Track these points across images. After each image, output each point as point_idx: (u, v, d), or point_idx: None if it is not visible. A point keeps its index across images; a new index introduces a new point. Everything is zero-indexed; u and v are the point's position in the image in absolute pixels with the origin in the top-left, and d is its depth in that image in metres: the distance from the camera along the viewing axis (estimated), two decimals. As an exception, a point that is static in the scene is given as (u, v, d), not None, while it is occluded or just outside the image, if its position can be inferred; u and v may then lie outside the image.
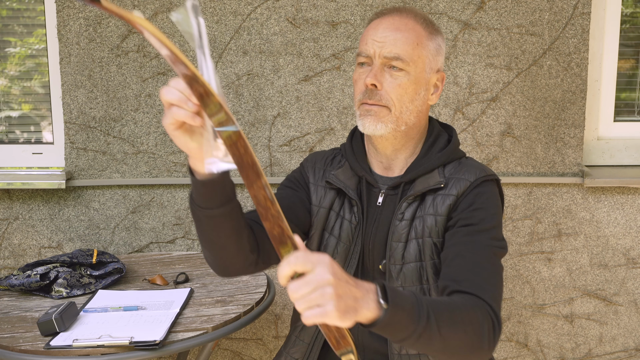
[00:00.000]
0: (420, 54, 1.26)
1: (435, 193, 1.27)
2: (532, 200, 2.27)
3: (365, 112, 1.27)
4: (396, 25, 1.26)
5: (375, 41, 1.25)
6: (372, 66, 1.26)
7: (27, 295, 1.82)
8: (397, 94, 1.25)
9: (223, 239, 1.18)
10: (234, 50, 2.23)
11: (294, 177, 1.43)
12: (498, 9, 2.20)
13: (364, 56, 1.27)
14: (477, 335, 1.06)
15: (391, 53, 1.24)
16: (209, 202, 1.11)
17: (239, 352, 2.39)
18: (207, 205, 1.11)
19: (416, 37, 1.26)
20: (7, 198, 2.31)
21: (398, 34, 1.25)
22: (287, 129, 2.27)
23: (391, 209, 1.30)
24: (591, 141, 2.35)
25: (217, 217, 1.13)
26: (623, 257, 2.30)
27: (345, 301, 0.88)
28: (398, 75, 1.25)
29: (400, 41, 1.24)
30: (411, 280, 1.26)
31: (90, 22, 2.23)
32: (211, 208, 1.11)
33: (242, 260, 1.22)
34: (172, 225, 2.32)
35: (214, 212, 1.12)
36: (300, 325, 1.36)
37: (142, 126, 2.27)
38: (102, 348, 1.43)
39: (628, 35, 2.34)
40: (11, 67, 2.39)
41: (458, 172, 1.30)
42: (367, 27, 1.31)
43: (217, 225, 1.15)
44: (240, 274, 1.27)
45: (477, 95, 2.24)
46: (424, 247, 1.26)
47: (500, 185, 1.33)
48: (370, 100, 1.25)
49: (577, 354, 2.36)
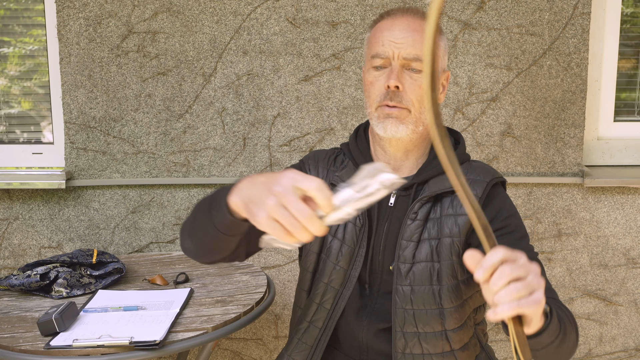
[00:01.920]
0: (436, 54, 1.26)
1: (453, 194, 1.27)
2: (532, 200, 2.27)
3: (386, 116, 1.25)
4: (412, 26, 1.25)
5: (393, 42, 1.24)
6: (391, 68, 1.24)
7: (27, 295, 1.82)
8: (418, 94, 1.24)
9: (221, 248, 1.15)
10: (234, 50, 2.23)
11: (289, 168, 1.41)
12: (498, 9, 2.20)
13: (382, 58, 1.25)
14: (576, 336, 1.11)
15: (410, 54, 1.23)
16: (230, 231, 1.07)
17: (239, 352, 2.39)
18: (228, 232, 1.08)
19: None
20: (7, 198, 2.31)
21: (416, 34, 1.23)
22: (287, 129, 2.27)
23: (403, 209, 1.30)
24: (591, 141, 2.35)
25: (230, 238, 1.11)
26: (623, 257, 2.30)
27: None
28: (418, 76, 1.24)
29: (418, 42, 1.23)
30: (420, 280, 1.26)
31: (90, 22, 2.23)
32: (230, 235, 1.09)
33: (227, 258, 1.21)
34: (172, 225, 2.32)
35: (229, 237, 1.09)
36: (303, 328, 1.35)
37: (142, 126, 2.27)
38: (102, 348, 1.43)
39: (628, 35, 2.34)
40: (11, 67, 2.39)
41: (471, 173, 1.30)
42: (377, 27, 1.29)
43: (226, 242, 1.12)
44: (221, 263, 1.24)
45: (477, 95, 2.24)
46: (441, 248, 1.26)
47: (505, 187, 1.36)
48: (392, 102, 1.24)
49: (577, 354, 2.36)
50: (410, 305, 1.26)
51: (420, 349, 1.27)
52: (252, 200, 0.91)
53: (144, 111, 2.27)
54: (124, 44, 2.24)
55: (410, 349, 1.27)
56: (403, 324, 1.26)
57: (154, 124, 2.27)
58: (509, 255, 0.79)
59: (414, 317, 1.26)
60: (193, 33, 2.23)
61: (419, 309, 1.26)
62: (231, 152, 2.28)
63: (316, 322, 1.33)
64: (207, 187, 2.30)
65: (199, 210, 1.14)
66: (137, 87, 2.26)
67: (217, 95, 2.26)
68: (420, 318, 1.26)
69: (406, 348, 1.27)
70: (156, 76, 2.26)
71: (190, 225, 1.17)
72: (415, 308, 1.26)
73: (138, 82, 2.25)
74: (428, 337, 1.27)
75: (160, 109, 2.27)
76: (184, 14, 2.22)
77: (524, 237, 1.25)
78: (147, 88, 2.26)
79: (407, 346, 1.27)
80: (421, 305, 1.26)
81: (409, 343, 1.27)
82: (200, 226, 1.12)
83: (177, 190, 2.31)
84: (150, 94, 2.26)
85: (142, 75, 2.25)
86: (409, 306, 1.26)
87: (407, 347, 1.27)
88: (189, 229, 1.17)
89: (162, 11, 2.22)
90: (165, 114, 2.27)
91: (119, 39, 2.24)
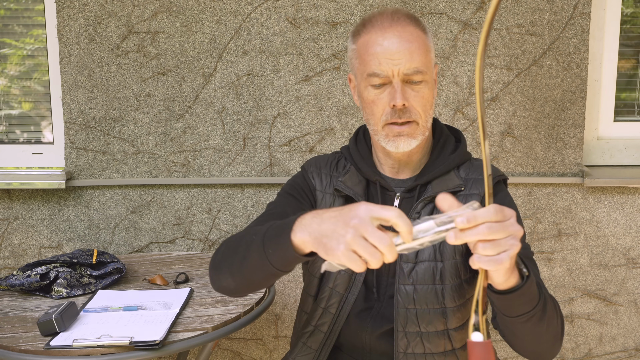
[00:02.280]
0: (430, 59, 1.26)
1: (456, 195, 1.27)
2: (532, 200, 2.27)
3: (397, 134, 1.25)
4: (405, 36, 1.22)
5: (390, 60, 1.21)
6: (393, 85, 1.23)
7: (27, 295, 1.82)
8: (422, 105, 1.24)
9: (268, 283, 1.17)
10: (234, 50, 2.23)
11: (297, 185, 1.39)
12: (498, 9, 2.20)
13: (381, 77, 1.23)
14: (561, 326, 1.14)
15: (410, 69, 1.21)
16: (288, 267, 1.09)
17: (239, 352, 2.39)
18: (285, 269, 1.09)
19: (423, 43, 1.24)
20: (7, 198, 2.31)
21: (412, 45, 1.21)
22: (287, 129, 2.27)
23: (407, 210, 1.30)
24: (591, 141, 2.35)
25: (283, 274, 1.12)
26: (623, 257, 2.30)
27: (514, 259, 0.90)
28: (420, 88, 1.23)
29: (415, 53, 1.21)
30: (423, 280, 1.26)
31: (90, 22, 2.23)
32: (287, 271, 1.10)
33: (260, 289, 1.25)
34: (172, 225, 2.32)
35: (284, 273, 1.11)
36: (308, 332, 1.35)
37: (142, 126, 2.27)
38: (102, 348, 1.43)
39: (628, 35, 2.34)
40: (11, 67, 2.39)
41: (473, 172, 1.31)
42: (367, 41, 1.24)
43: (277, 277, 1.14)
44: None
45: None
46: (444, 248, 1.26)
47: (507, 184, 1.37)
48: (401, 119, 1.23)
49: (577, 354, 2.36)
50: (413, 304, 1.26)
51: (422, 348, 1.27)
52: (326, 235, 0.93)
53: (144, 111, 2.27)
54: (124, 44, 2.24)
55: (412, 348, 1.27)
56: (405, 323, 1.27)
57: (154, 124, 2.27)
58: (496, 216, 0.87)
59: (416, 317, 1.26)
60: (193, 33, 2.23)
61: (422, 308, 1.26)
62: (231, 152, 2.28)
63: (321, 326, 1.33)
64: (207, 187, 2.30)
65: (246, 250, 1.14)
66: (137, 87, 2.26)
67: (217, 95, 2.26)
68: (423, 317, 1.26)
69: (408, 348, 1.27)
70: (156, 76, 2.26)
71: (233, 265, 1.17)
72: (417, 308, 1.26)
73: (138, 82, 2.25)
74: (430, 336, 1.27)
75: (160, 109, 2.27)
76: (184, 14, 2.22)
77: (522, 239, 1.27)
78: (147, 88, 2.26)
79: (409, 346, 1.27)
80: (424, 304, 1.26)
81: (411, 343, 1.27)
82: (251, 265, 1.12)
83: (177, 190, 2.31)
84: (150, 94, 2.26)
85: (142, 75, 2.25)
86: (412, 306, 1.26)
87: (409, 347, 1.27)
88: (231, 268, 1.17)
89: (162, 11, 2.22)
90: (165, 114, 2.27)
91: (119, 39, 2.24)
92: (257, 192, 2.30)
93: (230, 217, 2.31)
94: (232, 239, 1.22)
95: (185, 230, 2.33)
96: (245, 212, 2.30)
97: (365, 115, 1.30)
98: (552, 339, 1.13)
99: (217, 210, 2.31)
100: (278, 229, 1.05)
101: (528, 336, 1.10)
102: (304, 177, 1.40)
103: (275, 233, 1.06)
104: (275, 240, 1.05)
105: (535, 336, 1.09)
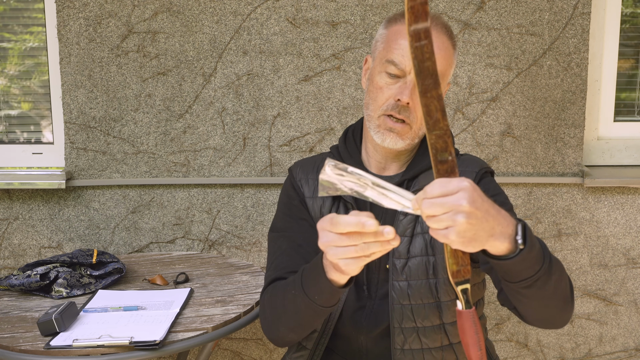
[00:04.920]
0: (448, 72, 1.28)
1: None
2: (532, 200, 2.27)
3: (389, 129, 1.26)
4: (436, 43, 1.22)
5: None
6: (406, 81, 1.24)
7: (27, 295, 1.82)
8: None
9: (322, 320, 1.23)
10: (234, 50, 2.24)
11: (288, 201, 1.40)
12: (498, 9, 2.20)
13: (398, 68, 1.24)
14: (570, 289, 1.13)
15: None
16: (331, 302, 1.13)
17: (239, 352, 2.39)
18: (329, 304, 1.13)
19: (449, 56, 1.26)
20: (7, 198, 2.31)
21: (437, 52, 1.20)
22: (287, 129, 2.27)
23: None
24: (591, 141, 2.35)
25: (330, 309, 1.15)
26: (623, 257, 2.30)
27: (476, 231, 0.88)
28: None
29: (438, 62, 1.22)
30: (417, 275, 1.27)
31: (90, 22, 2.23)
32: (335, 305, 1.14)
33: None
34: (172, 225, 2.32)
35: (332, 308, 1.15)
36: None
37: (142, 126, 2.27)
38: (102, 348, 1.43)
39: (628, 35, 2.34)
40: (11, 67, 2.39)
41: (460, 165, 1.31)
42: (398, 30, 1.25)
43: (329, 312, 1.17)
44: None
45: (477, 95, 2.24)
46: (435, 241, 1.27)
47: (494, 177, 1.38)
48: (399, 115, 1.25)
49: (577, 354, 2.36)
50: (408, 300, 1.27)
51: (419, 343, 1.27)
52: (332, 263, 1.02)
53: (144, 111, 2.27)
54: (124, 44, 2.24)
55: (410, 344, 1.27)
56: (401, 319, 1.27)
57: (154, 124, 2.27)
58: (432, 192, 0.87)
59: (412, 312, 1.27)
60: (193, 33, 2.23)
61: (417, 303, 1.27)
62: (231, 152, 2.28)
63: None
64: (207, 187, 2.30)
65: (294, 305, 1.18)
66: (137, 87, 2.26)
67: (217, 95, 2.26)
68: (419, 312, 1.27)
69: (405, 344, 1.27)
70: (156, 76, 2.26)
71: (289, 322, 1.22)
72: (412, 303, 1.27)
73: (138, 82, 2.25)
74: (427, 331, 1.27)
75: (160, 109, 2.27)
76: (184, 14, 2.22)
77: (511, 210, 1.26)
78: (147, 88, 2.26)
79: (406, 342, 1.27)
80: (418, 299, 1.27)
81: (408, 339, 1.27)
82: (307, 316, 1.18)
83: (177, 190, 2.31)
84: (150, 94, 2.26)
85: (142, 75, 2.25)
86: (407, 301, 1.27)
87: (406, 343, 1.27)
88: (289, 325, 1.22)
89: (162, 11, 2.22)
90: (165, 114, 2.27)
91: (119, 39, 2.24)
92: (257, 192, 2.30)
93: (230, 217, 2.31)
94: (273, 300, 1.26)
95: (185, 230, 2.33)
96: (245, 212, 2.30)
97: (367, 100, 1.31)
98: (561, 302, 1.11)
99: (217, 210, 2.31)
100: (312, 275, 1.11)
101: (535, 301, 1.08)
102: (293, 187, 1.41)
103: (312, 282, 1.11)
104: (318, 288, 1.10)
105: (543, 300, 1.07)
